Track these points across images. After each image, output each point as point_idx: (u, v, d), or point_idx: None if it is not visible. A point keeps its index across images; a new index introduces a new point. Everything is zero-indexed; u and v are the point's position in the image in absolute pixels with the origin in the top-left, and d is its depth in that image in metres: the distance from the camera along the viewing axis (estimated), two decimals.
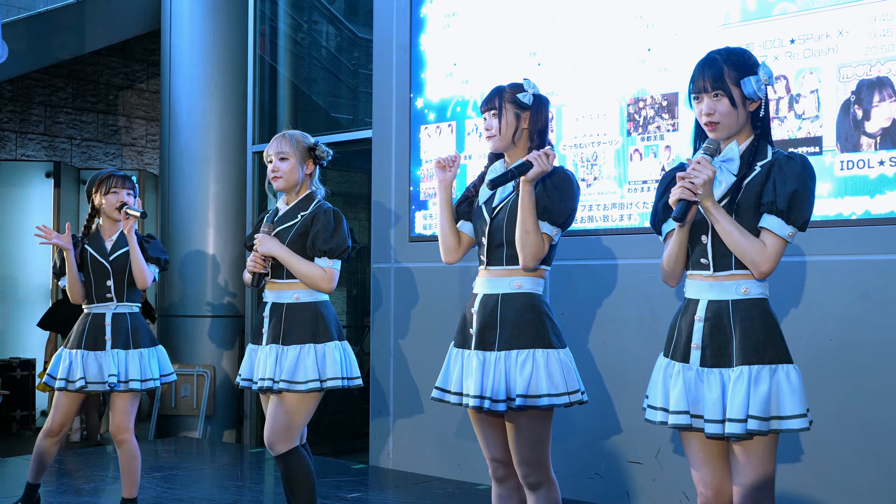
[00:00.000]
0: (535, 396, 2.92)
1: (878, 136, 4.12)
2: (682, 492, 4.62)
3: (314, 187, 3.77)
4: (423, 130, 5.79)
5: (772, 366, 2.50)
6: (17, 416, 8.47)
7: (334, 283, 3.61)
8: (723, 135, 2.60)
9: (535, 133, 3.10)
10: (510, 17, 5.42)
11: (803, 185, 2.50)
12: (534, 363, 2.94)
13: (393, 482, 5.58)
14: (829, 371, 4.20)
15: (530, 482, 3.01)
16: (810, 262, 4.30)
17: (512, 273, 3.03)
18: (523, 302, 3.00)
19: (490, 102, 3.12)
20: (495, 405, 2.93)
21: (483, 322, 3.02)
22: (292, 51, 7.79)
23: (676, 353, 2.64)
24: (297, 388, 3.55)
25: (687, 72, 4.68)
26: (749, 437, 2.48)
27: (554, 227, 2.99)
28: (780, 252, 2.53)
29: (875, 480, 4.11)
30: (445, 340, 3.39)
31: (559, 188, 3.01)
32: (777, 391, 2.48)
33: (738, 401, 2.47)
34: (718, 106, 2.57)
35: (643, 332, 4.79)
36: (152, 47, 10.36)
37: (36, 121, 10.02)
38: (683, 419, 2.56)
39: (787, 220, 2.51)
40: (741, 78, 2.56)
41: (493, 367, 2.96)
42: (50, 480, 5.70)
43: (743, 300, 2.55)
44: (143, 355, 4.41)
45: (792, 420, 2.47)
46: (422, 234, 5.78)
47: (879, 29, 4.14)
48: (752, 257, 2.50)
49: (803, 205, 2.50)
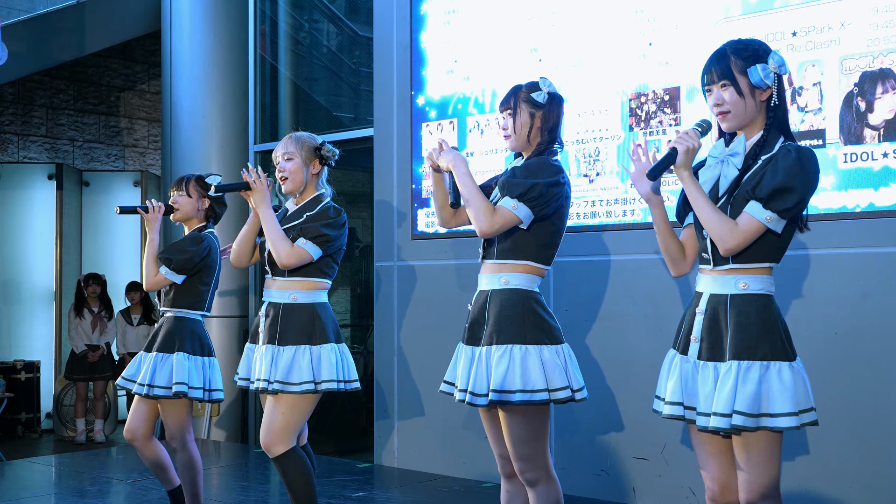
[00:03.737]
0: (508, 392, 2.91)
1: (881, 129, 4.10)
2: (689, 487, 4.61)
3: (322, 188, 3.75)
4: (424, 128, 5.78)
5: (763, 362, 2.47)
6: (23, 418, 8.47)
7: (293, 261, 3.54)
8: (734, 125, 2.58)
9: (545, 130, 3.09)
10: (511, 12, 5.40)
11: (791, 176, 2.45)
12: (510, 359, 2.94)
13: (398, 481, 5.57)
14: (833, 364, 4.18)
15: (527, 478, 3.01)
16: (814, 256, 4.29)
17: (501, 269, 3.04)
18: (508, 297, 3.00)
19: (506, 102, 3.12)
20: (475, 399, 2.95)
21: (473, 318, 3.07)
22: (293, 50, 7.79)
23: (679, 344, 2.66)
24: (292, 390, 3.53)
25: (689, 66, 4.70)
26: (736, 432, 2.46)
27: (512, 199, 2.95)
28: (752, 233, 2.48)
29: (880, 474, 4.09)
30: (449, 338, 3.40)
31: (526, 166, 3.03)
32: (767, 388, 2.46)
33: (725, 395, 2.46)
34: (726, 95, 2.56)
35: (647, 328, 4.77)
36: (153, 48, 10.36)
37: (38, 123, 10.03)
38: (677, 410, 2.58)
39: (765, 206, 2.47)
40: (748, 67, 2.55)
41: (476, 362, 2.99)
42: (53, 482, 5.71)
43: (740, 295, 2.53)
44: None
45: (780, 418, 2.44)
46: (424, 231, 5.77)
47: (882, 20, 4.12)
48: (719, 231, 2.48)
49: (787, 194, 2.45)
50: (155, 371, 4.02)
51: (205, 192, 4.22)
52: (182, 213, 4.21)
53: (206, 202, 4.23)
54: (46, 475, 6.00)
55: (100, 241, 9.59)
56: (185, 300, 4.12)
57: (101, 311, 8.48)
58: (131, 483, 5.51)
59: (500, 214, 2.96)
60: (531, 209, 2.97)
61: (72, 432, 8.40)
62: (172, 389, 3.99)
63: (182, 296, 4.12)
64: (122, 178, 9.84)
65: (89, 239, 9.54)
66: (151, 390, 4.00)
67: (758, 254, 2.53)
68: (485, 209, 2.96)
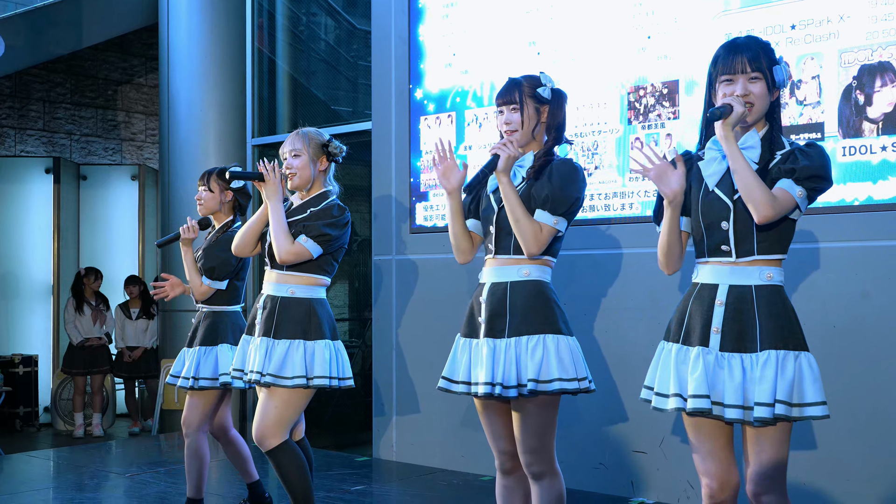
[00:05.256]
0: (545, 381, 2.91)
1: (879, 122, 4.10)
2: (687, 481, 4.61)
3: (329, 185, 3.75)
4: (422, 121, 5.77)
5: (796, 352, 2.50)
6: (21, 412, 8.47)
7: (292, 257, 3.55)
8: (753, 118, 2.58)
9: (553, 127, 3.08)
10: (509, 6, 5.39)
11: (822, 166, 2.53)
12: (544, 348, 2.93)
13: (397, 474, 5.58)
14: (832, 358, 4.18)
15: (534, 471, 3.00)
16: (812, 249, 4.29)
17: (519, 261, 3.01)
18: (532, 289, 2.99)
19: (509, 96, 3.05)
20: (506, 391, 2.91)
21: (492, 310, 3.00)
22: (291, 44, 7.77)
23: (691, 337, 2.60)
24: (283, 383, 3.54)
25: (688, 59, 4.69)
26: (774, 422, 2.47)
27: (554, 216, 2.96)
28: (785, 206, 2.50)
29: (879, 469, 4.10)
30: (448, 332, 3.39)
31: (562, 177, 2.98)
32: (800, 378, 2.48)
33: (767, 385, 2.46)
34: (754, 87, 2.56)
35: (646, 321, 4.77)
36: (150, 42, 10.33)
37: (35, 117, 10.01)
38: (704, 403, 2.51)
39: (797, 182, 2.51)
40: (773, 65, 2.56)
41: (503, 354, 2.94)
42: (51, 476, 5.71)
43: (766, 286, 2.54)
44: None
45: (814, 407, 2.47)
46: (423, 225, 5.77)
47: (881, 13, 4.11)
48: (760, 197, 2.46)
49: (819, 181, 2.53)
50: (199, 364, 4.17)
51: (227, 185, 4.28)
52: (206, 207, 4.31)
53: (229, 195, 4.31)
54: (44, 469, 5.99)
55: (97, 235, 9.58)
56: (222, 297, 4.28)
57: (100, 304, 8.49)
58: (129, 477, 5.51)
59: (545, 232, 2.95)
60: (568, 221, 3.01)
61: (70, 426, 8.40)
62: (219, 380, 4.14)
63: (219, 293, 4.27)
64: (120, 171, 9.82)
65: (87, 233, 9.53)
66: (196, 382, 4.16)
67: (779, 244, 2.56)
68: (533, 231, 2.93)
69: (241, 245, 3.79)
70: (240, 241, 3.79)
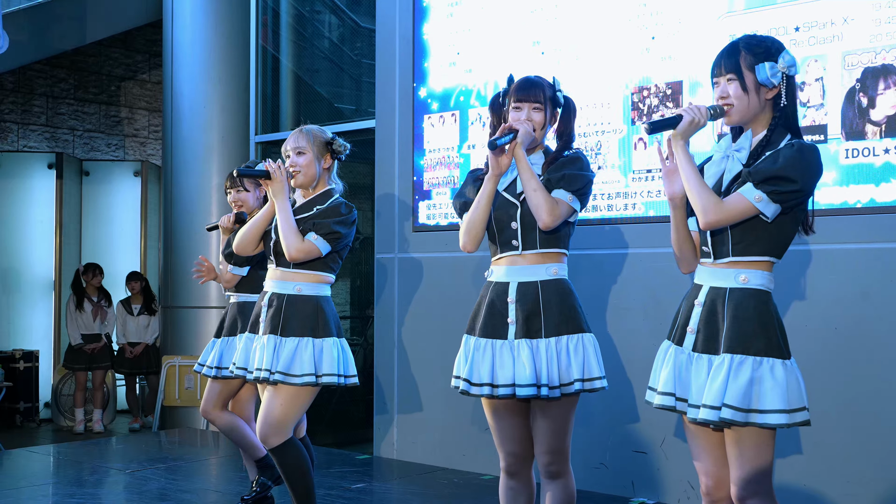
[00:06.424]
0: (590, 380, 2.97)
1: (883, 124, 4.10)
2: (688, 481, 4.62)
3: (332, 183, 3.75)
4: (426, 120, 5.78)
5: (757, 358, 2.46)
6: (21, 407, 8.48)
7: (302, 255, 3.54)
8: (735, 119, 2.58)
9: (564, 133, 3.11)
10: (513, 5, 5.39)
11: (790, 166, 2.45)
12: (584, 348, 2.98)
13: (398, 472, 5.58)
14: (833, 360, 4.18)
15: (551, 471, 3.00)
16: (814, 251, 4.29)
17: (546, 259, 3.01)
18: (563, 288, 3.02)
19: (533, 93, 3.03)
20: (552, 392, 2.92)
21: (527, 310, 2.97)
22: (295, 41, 7.78)
23: (674, 335, 2.66)
24: (293, 381, 3.53)
25: (691, 60, 4.69)
26: (727, 425, 2.46)
27: (569, 192, 2.97)
28: (737, 211, 2.47)
29: (877, 471, 4.10)
30: (450, 330, 3.39)
31: (574, 162, 3.02)
32: (759, 384, 2.45)
33: (716, 388, 2.46)
34: (731, 89, 2.57)
35: (647, 322, 4.78)
36: (154, 38, 10.35)
37: (38, 112, 10.02)
38: (668, 401, 2.58)
39: (756, 186, 2.47)
40: (757, 63, 2.55)
41: (544, 354, 2.94)
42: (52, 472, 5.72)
43: (740, 289, 2.52)
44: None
45: (770, 415, 2.43)
46: (426, 223, 5.77)
47: (884, 16, 4.12)
48: (702, 203, 2.48)
49: (783, 182, 2.45)
50: (222, 355, 4.36)
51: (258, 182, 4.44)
52: (247, 207, 4.50)
53: (263, 190, 4.45)
54: (45, 465, 6.00)
55: (100, 230, 9.59)
56: (248, 286, 4.44)
57: (101, 300, 8.49)
58: (130, 473, 5.52)
59: (561, 206, 2.95)
60: (581, 203, 3.01)
61: (70, 422, 8.41)
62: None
63: (246, 282, 4.45)
64: (123, 167, 9.83)
65: (89, 228, 9.53)
66: (220, 371, 4.34)
67: (755, 245, 2.52)
68: (549, 201, 2.91)
69: (243, 243, 3.78)
70: (242, 239, 3.78)
